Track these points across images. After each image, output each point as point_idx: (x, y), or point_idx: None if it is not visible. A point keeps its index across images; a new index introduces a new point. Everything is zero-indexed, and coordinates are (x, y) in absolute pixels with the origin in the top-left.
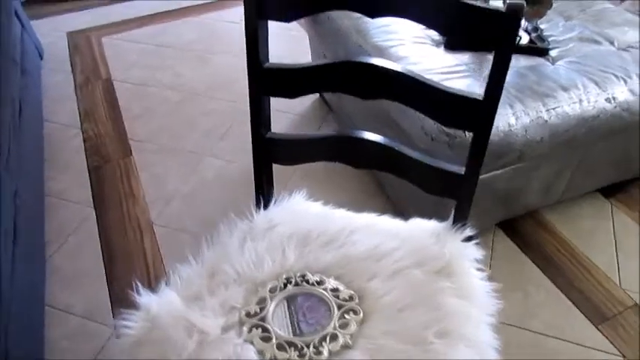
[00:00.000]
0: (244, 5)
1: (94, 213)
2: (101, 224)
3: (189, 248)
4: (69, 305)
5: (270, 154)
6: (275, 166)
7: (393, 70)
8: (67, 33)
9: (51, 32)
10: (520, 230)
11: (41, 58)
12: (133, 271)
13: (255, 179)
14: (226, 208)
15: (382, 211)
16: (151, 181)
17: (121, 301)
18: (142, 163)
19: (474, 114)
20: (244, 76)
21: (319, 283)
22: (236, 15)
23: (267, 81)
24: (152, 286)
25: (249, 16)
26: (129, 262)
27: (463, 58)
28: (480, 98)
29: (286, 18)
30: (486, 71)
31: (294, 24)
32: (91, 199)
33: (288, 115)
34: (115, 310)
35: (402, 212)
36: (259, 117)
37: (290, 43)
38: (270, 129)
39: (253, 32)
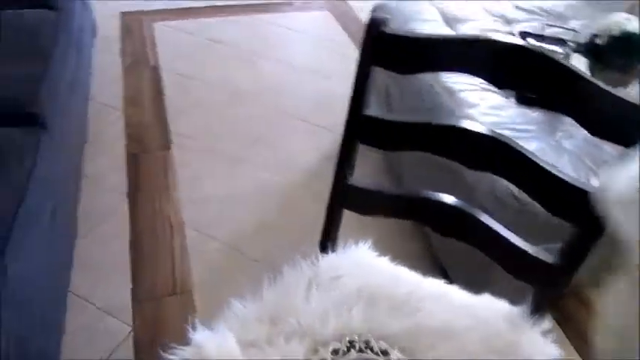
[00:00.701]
0: (361, 49)
1: (127, 203)
2: (132, 216)
3: (217, 259)
4: (90, 295)
5: (346, 200)
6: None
7: (499, 142)
8: (121, 13)
9: (106, 10)
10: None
11: (94, 36)
12: (158, 273)
13: (325, 222)
14: (259, 226)
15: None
16: (187, 179)
17: (141, 301)
18: (180, 158)
19: (583, 206)
20: (288, 84)
21: (384, 353)
22: (286, 20)
23: (365, 128)
24: (176, 291)
25: (364, 62)
26: (155, 262)
27: (534, 115)
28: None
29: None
30: (559, 133)
31: (343, 38)
32: (126, 188)
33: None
34: (134, 310)
35: (446, 270)
36: (346, 162)
37: (332, 53)
38: (352, 175)
39: (363, 78)
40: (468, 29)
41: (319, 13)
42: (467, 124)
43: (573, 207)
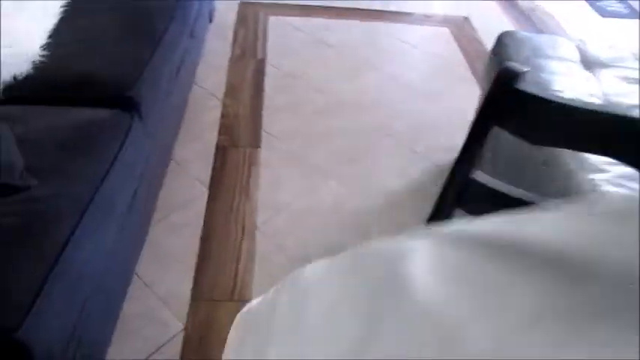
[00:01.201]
0: (483, 103)
1: (206, 195)
2: (208, 209)
3: (281, 273)
4: (153, 282)
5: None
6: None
7: None
8: (239, 3)
9: None
10: None
11: (210, 22)
12: (221, 274)
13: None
14: (329, 246)
15: None
16: (269, 182)
17: (199, 300)
18: (266, 159)
19: None
20: (391, 101)
21: None
22: (402, 31)
23: (466, 194)
24: (234, 297)
25: (484, 118)
26: (220, 263)
27: None
28: None
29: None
30: None
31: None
32: (209, 179)
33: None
34: (191, 307)
35: None
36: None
37: (444, 73)
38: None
39: (478, 136)
40: (609, 76)
41: (438, 29)
42: None
43: None
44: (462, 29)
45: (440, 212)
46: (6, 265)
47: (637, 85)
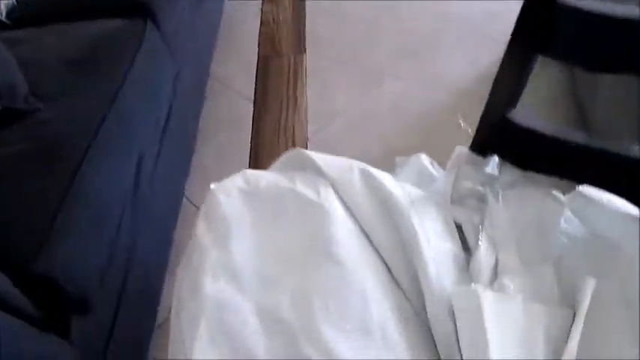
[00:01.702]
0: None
1: (252, 110)
2: (256, 126)
3: None
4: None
5: (499, 142)
6: None
7: None
8: None
9: None
10: None
11: None
12: None
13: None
14: (389, 150)
15: None
16: (318, 90)
17: None
18: (313, 66)
19: None
20: None
21: None
22: None
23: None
24: None
25: None
26: None
27: None
28: None
29: None
30: None
31: None
32: (252, 94)
33: None
34: None
35: None
36: (510, 84)
37: None
38: (515, 105)
39: None
40: None
41: None
42: None
43: None
44: None
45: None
46: (18, 194)
47: None
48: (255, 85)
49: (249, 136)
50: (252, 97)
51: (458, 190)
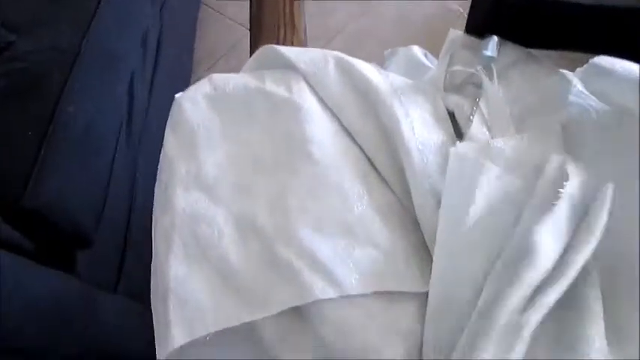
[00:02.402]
0: None
1: (249, 36)
2: (253, 51)
3: None
4: None
5: (497, 18)
6: None
7: None
8: None
9: None
10: None
11: None
12: None
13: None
14: None
15: None
16: (316, 8)
17: None
18: None
19: None
20: None
21: None
22: None
23: None
24: None
25: None
26: None
27: None
28: None
29: None
30: None
31: None
32: (248, 19)
33: None
34: None
35: None
36: None
37: None
38: None
39: None
40: None
41: None
42: None
43: None
44: None
45: None
46: None
47: None
48: (250, 8)
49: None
50: (248, 23)
51: (452, 76)
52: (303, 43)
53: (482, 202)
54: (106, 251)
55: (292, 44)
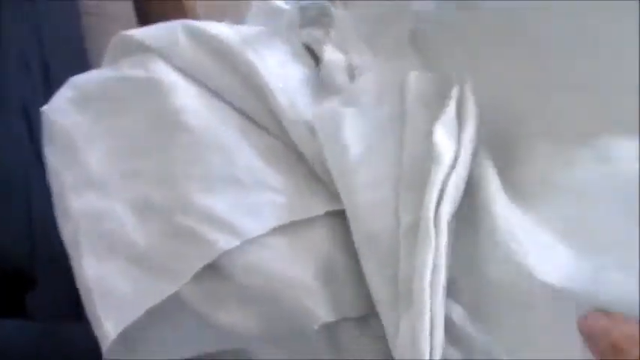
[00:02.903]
0: None
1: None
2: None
3: None
4: None
5: None
6: None
7: None
8: None
9: None
10: None
11: None
12: None
13: None
14: None
15: None
16: None
17: None
18: None
19: None
20: None
21: None
22: None
23: None
24: None
25: None
26: None
27: None
28: None
29: None
30: None
31: None
32: (134, 13)
33: None
34: None
35: None
36: None
37: None
38: None
39: None
40: None
41: None
42: None
43: None
44: None
45: None
46: None
47: None
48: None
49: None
50: (135, 14)
51: (305, 11)
52: (195, 11)
53: (359, 148)
54: (54, 284)
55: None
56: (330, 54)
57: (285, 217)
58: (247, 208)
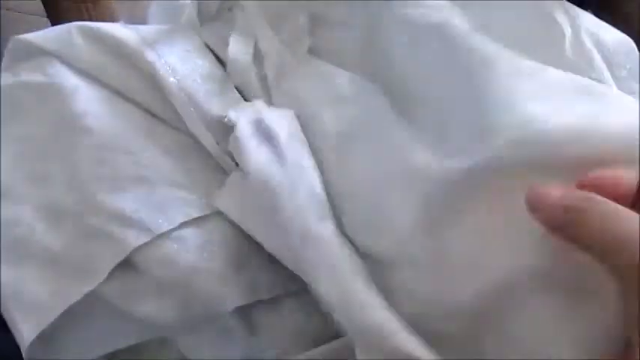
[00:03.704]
0: None
1: (50, 22)
2: None
3: None
4: None
5: None
6: None
7: None
8: None
9: None
10: None
11: None
12: None
13: None
14: None
15: None
16: None
17: None
18: None
19: None
20: None
21: None
22: None
23: None
24: None
25: None
26: None
27: None
28: None
29: None
30: None
31: None
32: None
33: None
34: None
35: None
36: None
37: None
38: None
39: None
40: None
41: None
42: None
43: None
44: None
45: None
46: None
47: None
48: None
49: None
50: (44, 9)
51: (206, 8)
52: (112, 9)
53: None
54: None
55: (102, 15)
56: (235, 48)
57: (192, 213)
58: (155, 205)
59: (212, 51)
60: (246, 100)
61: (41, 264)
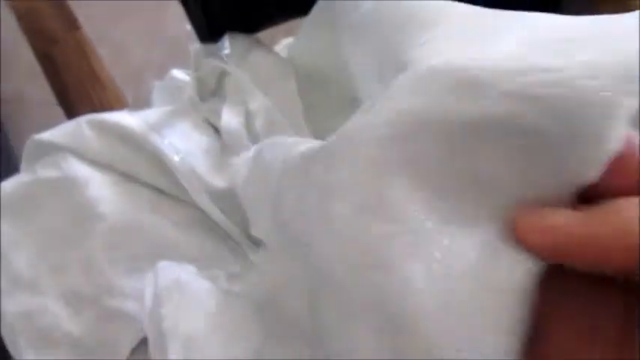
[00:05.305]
0: None
1: (62, 110)
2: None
3: None
4: None
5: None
6: None
7: None
8: None
9: None
10: None
11: None
12: None
13: None
14: None
15: None
16: (112, 54)
17: None
18: (94, 33)
19: None
20: None
21: None
22: None
23: None
24: None
25: None
26: None
27: None
28: None
29: None
30: None
31: None
32: (52, 94)
33: None
34: None
35: None
36: None
37: None
38: None
39: None
40: None
41: None
42: None
43: None
44: None
45: None
46: None
47: None
48: (52, 85)
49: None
50: (55, 98)
51: (203, 84)
52: (117, 93)
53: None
54: None
55: (108, 99)
56: (227, 118)
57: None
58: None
59: (212, 125)
60: None
61: (66, 350)
